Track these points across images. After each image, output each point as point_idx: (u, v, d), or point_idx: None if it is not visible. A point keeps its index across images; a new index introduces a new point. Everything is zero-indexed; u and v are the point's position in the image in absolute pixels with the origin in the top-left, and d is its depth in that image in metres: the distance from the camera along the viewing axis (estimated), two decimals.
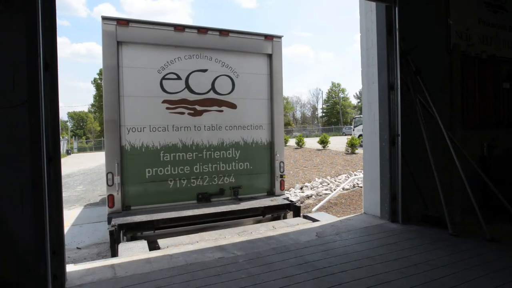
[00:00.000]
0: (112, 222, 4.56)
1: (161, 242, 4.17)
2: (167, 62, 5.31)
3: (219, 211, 5.05)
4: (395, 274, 2.82)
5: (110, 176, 4.97)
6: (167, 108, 5.32)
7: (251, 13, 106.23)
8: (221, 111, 5.61)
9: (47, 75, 2.58)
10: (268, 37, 5.87)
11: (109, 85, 4.99)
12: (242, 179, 5.76)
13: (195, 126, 5.47)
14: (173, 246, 3.86)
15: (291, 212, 5.60)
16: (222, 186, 5.63)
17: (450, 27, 4.67)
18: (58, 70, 2.67)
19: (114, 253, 4.21)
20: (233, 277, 2.82)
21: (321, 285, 2.65)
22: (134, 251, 3.71)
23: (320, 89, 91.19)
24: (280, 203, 5.47)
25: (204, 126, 5.54)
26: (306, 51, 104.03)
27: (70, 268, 2.96)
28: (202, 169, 5.52)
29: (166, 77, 5.28)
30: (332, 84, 63.46)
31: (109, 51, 4.96)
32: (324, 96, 64.96)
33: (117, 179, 4.97)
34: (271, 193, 5.93)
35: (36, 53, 2.49)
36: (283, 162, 5.95)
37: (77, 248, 7.15)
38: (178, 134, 5.38)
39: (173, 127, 5.36)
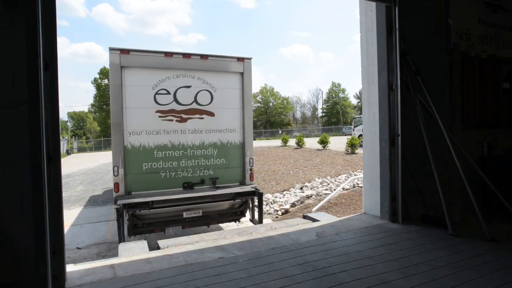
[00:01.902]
0: (118, 202, 5.82)
1: (161, 242, 4.17)
2: (159, 80, 6.57)
3: (200, 195, 6.36)
4: (395, 274, 2.82)
5: (115, 168, 6.24)
6: (159, 116, 6.57)
7: (250, 13, 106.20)
8: (202, 118, 6.89)
9: (47, 75, 2.58)
10: (240, 59, 7.06)
11: (115, 99, 6.26)
12: (219, 172, 7.01)
13: (181, 130, 6.74)
14: (173, 246, 3.86)
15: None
16: (203, 177, 6.90)
17: (450, 27, 4.67)
18: (58, 70, 2.67)
19: (120, 226, 5.66)
20: (233, 277, 2.82)
21: (321, 285, 2.65)
22: (134, 251, 3.71)
23: (320, 89, 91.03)
24: (247, 190, 6.79)
25: (188, 130, 6.80)
26: (306, 51, 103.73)
27: (70, 268, 2.97)
28: (187, 163, 6.80)
29: (159, 92, 6.56)
30: (332, 84, 63.42)
31: (115, 74, 6.24)
32: (324, 96, 65.01)
33: (121, 171, 6.24)
34: (242, 183, 7.11)
35: (36, 53, 2.49)
36: (252, 159, 7.26)
37: (77, 248, 7.16)
38: (168, 137, 6.65)
39: (164, 131, 6.62)
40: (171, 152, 6.66)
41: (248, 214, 7.21)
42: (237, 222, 7.52)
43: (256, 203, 6.77)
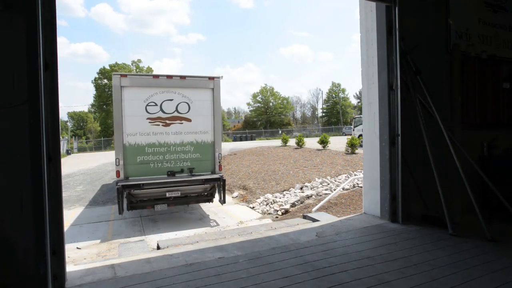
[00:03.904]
0: (118, 184, 8.05)
1: (161, 242, 4.18)
2: (149, 96, 8.66)
3: (179, 180, 8.66)
4: (395, 274, 2.82)
5: (117, 160, 8.36)
6: (149, 122, 8.66)
7: (249, 13, 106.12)
8: (182, 123, 8.96)
9: (47, 75, 2.58)
10: (211, 78, 9.16)
11: (117, 110, 8.45)
12: (195, 163, 9.08)
13: (166, 132, 8.83)
14: (173, 246, 3.87)
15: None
16: (182, 167, 8.96)
17: (450, 27, 4.67)
18: (58, 70, 2.67)
19: (119, 201, 7.93)
20: (233, 277, 2.82)
21: (321, 285, 2.65)
22: (134, 251, 3.72)
23: (320, 89, 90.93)
24: (214, 177, 8.94)
25: (171, 132, 8.88)
26: (305, 51, 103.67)
27: (70, 268, 2.97)
28: (170, 157, 8.88)
29: (149, 104, 8.65)
30: (332, 84, 63.33)
31: (117, 92, 8.44)
32: (324, 96, 64.99)
33: (121, 162, 8.35)
34: (213, 172, 9.17)
35: (36, 53, 2.49)
36: (221, 154, 9.41)
37: (77, 248, 7.16)
38: (156, 137, 8.75)
39: (153, 133, 8.72)
40: (158, 149, 8.75)
41: (218, 196, 9.34)
42: (209, 202, 9.72)
43: (221, 188, 9.06)
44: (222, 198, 8.98)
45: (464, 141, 4.34)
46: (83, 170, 18.71)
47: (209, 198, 9.38)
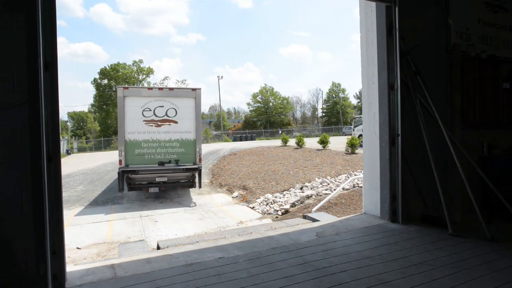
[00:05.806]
0: (120, 169, 10.53)
1: (161, 242, 4.18)
2: (145, 103, 11.01)
3: (166, 168, 10.99)
4: (395, 274, 2.82)
5: (120, 152, 10.70)
6: (145, 124, 11.00)
7: (248, 13, 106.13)
8: (170, 125, 11.21)
9: (47, 75, 2.58)
10: (193, 89, 11.59)
11: (120, 114, 10.88)
12: (180, 156, 11.29)
13: (157, 131, 11.12)
14: (173, 246, 3.87)
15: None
16: (170, 158, 11.18)
17: (450, 27, 4.67)
18: (58, 70, 2.67)
19: (119, 182, 10.54)
20: (233, 277, 2.82)
21: (321, 285, 2.65)
22: (134, 251, 3.72)
23: (320, 89, 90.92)
24: (193, 167, 11.20)
25: (162, 131, 11.16)
26: (304, 51, 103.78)
27: (70, 268, 2.97)
28: (160, 151, 11.15)
29: (145, 110, 10.99)
30: (332, 84, 63.30)
31: (120, 100, 10.74)
32: (324, 96, 64.99)
33: (123, 153, 10.68)
34: (194, 163, 11.34)
35: (36, 53, 2.49)
36: (201, 149, 11.58)
37: (77, 248, 7.15)
38: (150, 135, 11.06)
39: (147, 132, 11.04)
40: (151, 144, 11.01)
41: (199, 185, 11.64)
42: (192, 187, 11.79)
43: (199, 175, 11.43)
44: (199, 184, 11.43)
45: (464, 141, 4.34)
46: (83, 170, 18.69)
47: (191, 184, 11.61)
